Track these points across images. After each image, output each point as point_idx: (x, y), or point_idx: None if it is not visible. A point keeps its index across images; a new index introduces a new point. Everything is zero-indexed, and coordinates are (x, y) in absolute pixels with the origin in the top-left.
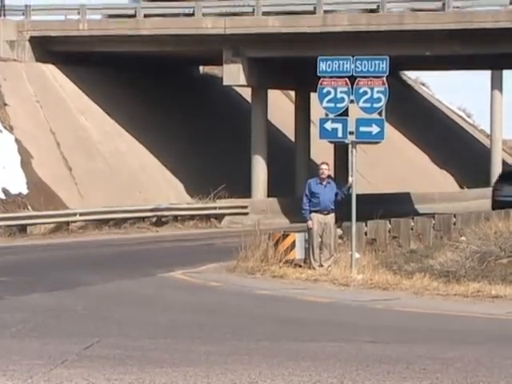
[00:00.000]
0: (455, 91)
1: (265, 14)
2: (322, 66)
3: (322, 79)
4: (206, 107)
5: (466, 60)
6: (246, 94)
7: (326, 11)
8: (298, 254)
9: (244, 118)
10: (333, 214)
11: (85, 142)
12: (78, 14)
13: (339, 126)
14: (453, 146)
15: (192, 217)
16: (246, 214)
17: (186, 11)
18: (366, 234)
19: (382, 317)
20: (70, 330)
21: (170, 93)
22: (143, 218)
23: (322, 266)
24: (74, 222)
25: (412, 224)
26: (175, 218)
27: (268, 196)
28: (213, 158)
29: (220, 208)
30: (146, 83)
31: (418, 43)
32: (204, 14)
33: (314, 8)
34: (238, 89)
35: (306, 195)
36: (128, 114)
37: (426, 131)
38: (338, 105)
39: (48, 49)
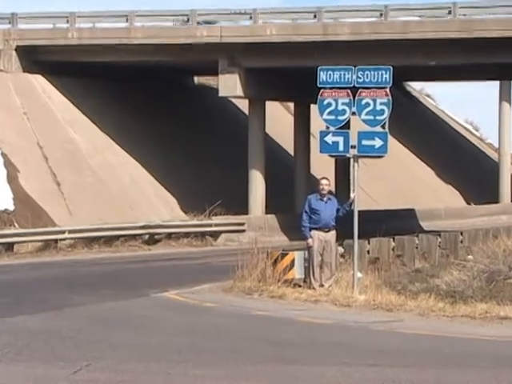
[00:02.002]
0: (462, 103)
1: (263, 21)
2: (322, 76)
3: (322, 90)
4: (201, 119)
5: (474, 70)
6: (243, 105)
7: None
8: (297, 273)
9: (241, 131)
10: (334, 232)
11: (74, 155)
12: (67, 22)
13: (340, 139)
14: (459, 160)
15: (186, 234)
16: (243, 231)
17: (180, 19)
18: (368, 252)
19: (386, 339)
20: (58, 354)
21: (162, 104)
22: (135, 236)
23: (322, 285)
24: (63, 239)
25: (417, 242)
26: (168, 235)
27: (266, 212)
28: (208, 172)
29: (216, 225)
30: (137, 94)
31: (422, 53)
32: (199, 22)
33: (315, 16)
34: (234, 100)
35: (306, 212)
36: (119, 126)
37: (430, 145)
38: (340, 117)
39: (36, 58)
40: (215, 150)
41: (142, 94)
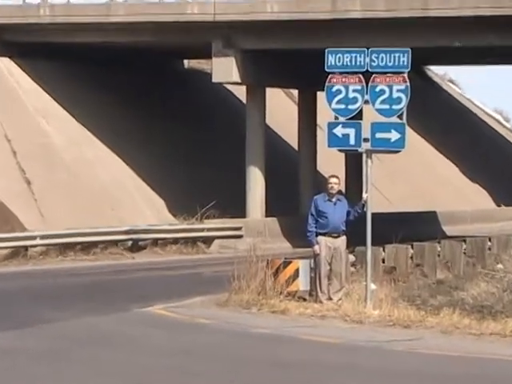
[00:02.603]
0: (491, 90)
1: None
2: (330, 59)
3: (330, 76)
4: (192, 108)
5: (504, 53)
6: (240, 93)
7: None
8: (302, 284)
9: (238, 122)
10: (344, 237)
11: (46, 149)
12: None
13: (351, 131)
14: (487, 155)
15: (175, 240)
16: (240, 236)
17: None
18: (383, 260)
19: (403, 360)
20: (30, 377)
21: (148, 92)
22: (116, 242)
23: (330, 299)
24: (34, 246)
25: (439, 249)
26: (155, 241)
27: (266, 215)
28: (200, 170)
29: (209, 230)
30: (119, 80)
31: (445, 32)
32: None
33: None
34: (230, 87)
35: (312, 215)
36: (97, 116)
37: (454, 137)
38: (350, 106)
39: (3, 39)
40: (208, 144)
41: (125, 79)
